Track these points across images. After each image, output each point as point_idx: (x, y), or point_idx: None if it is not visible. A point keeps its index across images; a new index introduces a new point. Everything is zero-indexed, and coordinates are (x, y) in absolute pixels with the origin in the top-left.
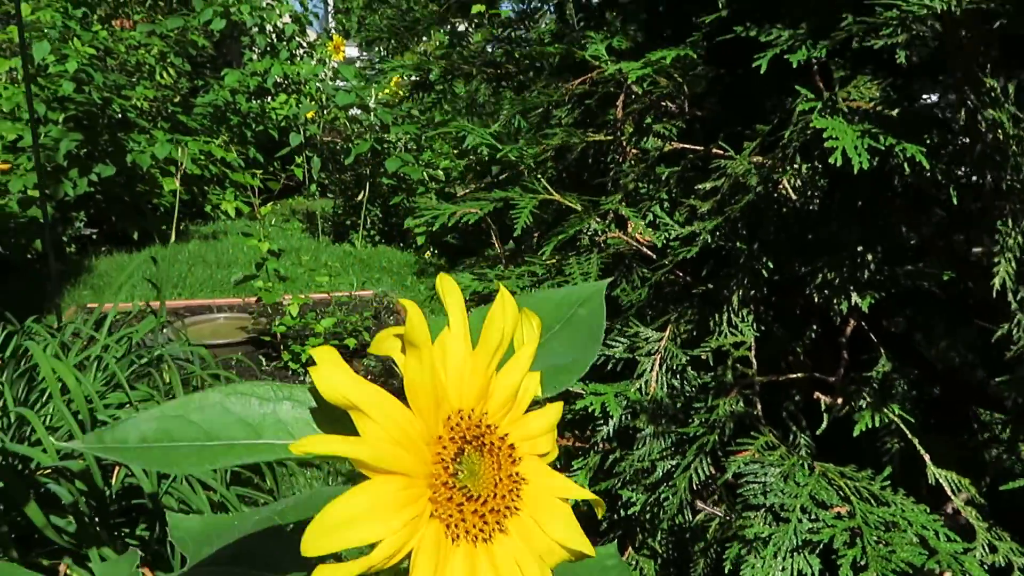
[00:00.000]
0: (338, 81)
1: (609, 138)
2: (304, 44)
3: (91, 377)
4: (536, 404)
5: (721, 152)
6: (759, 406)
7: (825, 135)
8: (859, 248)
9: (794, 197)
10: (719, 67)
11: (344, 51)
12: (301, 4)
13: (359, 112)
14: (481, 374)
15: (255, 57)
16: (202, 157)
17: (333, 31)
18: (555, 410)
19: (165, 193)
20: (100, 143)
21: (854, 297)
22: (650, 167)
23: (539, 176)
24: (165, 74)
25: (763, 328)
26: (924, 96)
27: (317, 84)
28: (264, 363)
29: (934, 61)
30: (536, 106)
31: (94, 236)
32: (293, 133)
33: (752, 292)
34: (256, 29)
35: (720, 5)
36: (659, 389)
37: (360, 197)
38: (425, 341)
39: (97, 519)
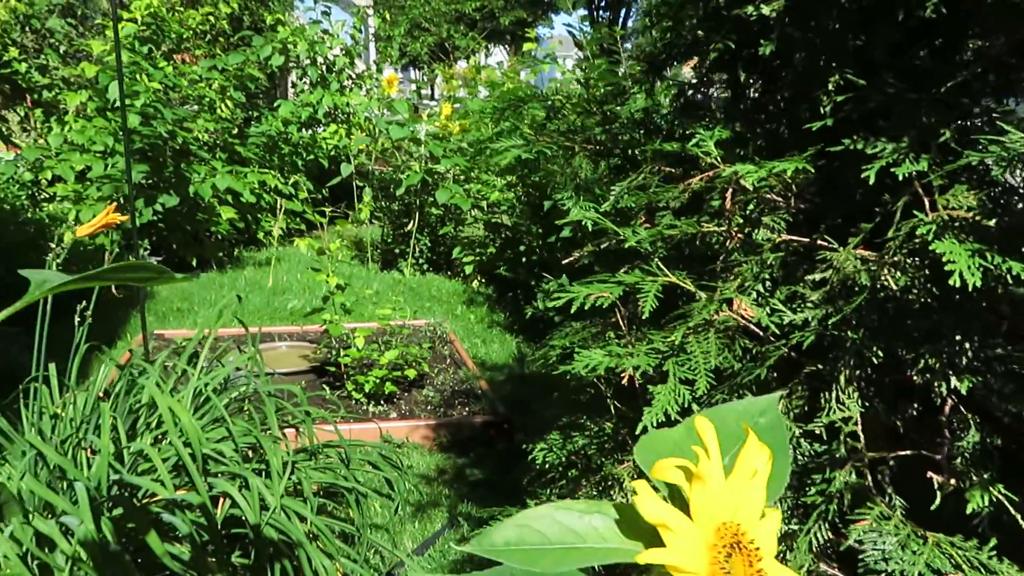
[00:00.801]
0: (384, 111)
1: (722, 228)
2: (352, 75)
3: (189, 406)
4: None
5: (825, 244)
6: (870, 478)
7: (944, 259)
8: (957, 336)
9: (896, 290)
10: (819, 161)
11: (397, 85)
12: (352, 38)
13: (409, 142)
14: (737, 495)
15: (307, 88)
16: (257, 186)
17: (375, 62)
18: (777, 516)
19: (222, 221)
20: (164, 174)
21: (953, 381)
22: (760, 255)
23: (655, 259)
24: (224, 107)
25: (866, 404)
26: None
27: (365, 114)
28: (328, 392)
29: None
30: (643, 186)
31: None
32: (344, 163)
33: (857, 372)
34: (308, 61)
35: (825, 113)
36: None
37: (410, 226)
38: (708, 475)
39: (209, 547)
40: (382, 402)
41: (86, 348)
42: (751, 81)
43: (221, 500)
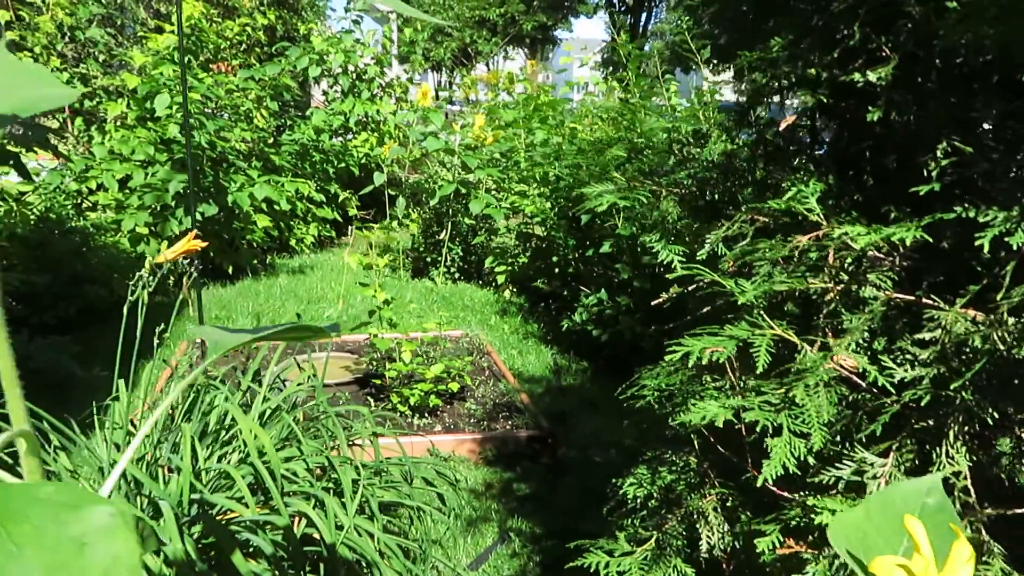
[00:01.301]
0: (418, 120)
1: (828, 284)
2: (382, 83)
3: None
4: None
5: (931, 303)
6: (984, 533)
7: None
8: None
9: (1002, 348)
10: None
11: (429, 95)
12: (383, 47)
13: (442, 152)
14: None
15: (338, 96)
16: (292, 194)
17: (404, 69)
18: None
19: (257, 229)
20: (204, 184)
21: None
22: (868, 311)
23: (759, 311)
24: (260, 116)
25: (974, 458)
26: None
27: (395, 123)
28: (372, 404)
29: None
30: (738, 236)
31: (195, 272)
32: (376, 172)
33: (966, 428)
34: (340, 71)
35: (931, 177)
36: None
37: (442, 235)
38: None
39: (287, 566)
40: (426, 415)
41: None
42: (844, 134)
43: (297, 519)
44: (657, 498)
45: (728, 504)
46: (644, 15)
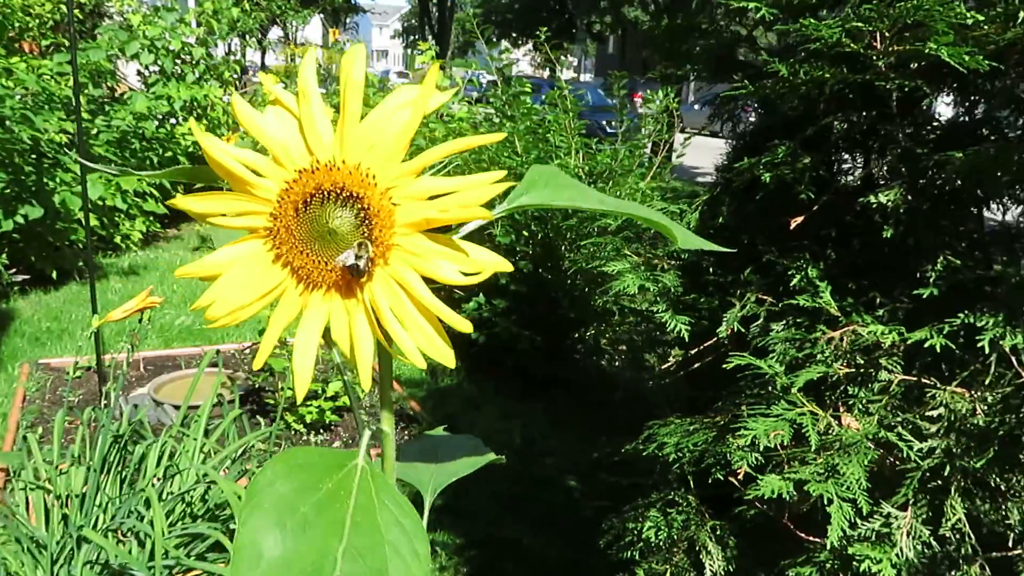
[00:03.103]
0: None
1: (850, 370)
2: (208, 65)
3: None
4: None
5: (930, 383)
6: (987, 570)
7: None
8: None
9: (972, 410)
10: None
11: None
12: (211, 27)
13: None
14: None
15: (159, 79)
16: (114, 188)
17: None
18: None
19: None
20: (27, 183)
21: None
22: (888, 392)
23: (795, 391)
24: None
25: (968, 508)
26: None
27: (224, 108)
28: (262, 423)
29: None
30: (753, 317)
31: (20, 282)
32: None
33: (963, 485)
34: (158, 51)
35: (930, 282)
36: (910, 552)
37: None
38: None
39: None
40: (321, 431)
41: None
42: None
43: None
44: (667, 535)
45: (718, 533)
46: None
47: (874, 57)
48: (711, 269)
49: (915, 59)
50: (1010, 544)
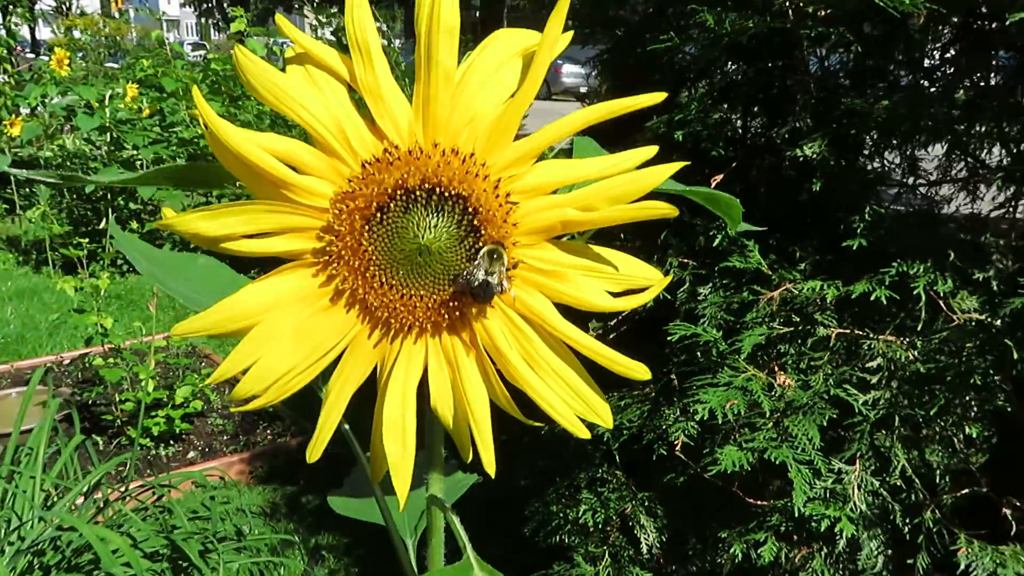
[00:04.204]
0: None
1: (790, 329)
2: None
3: None
4: None
5: (863, 334)
6: (937, 513)
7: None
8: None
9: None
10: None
11: (67, 66)
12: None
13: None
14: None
15: None
16: None
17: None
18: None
19: None
20: None
21: (967, 429)
22: (824, 346)
23: (741, 358)
24: None
25: (909, 456)
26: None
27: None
28: (101, 443)
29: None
30: (679, 282)
31: None
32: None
33: (902, 431)
34: None
35: (859, 233)
36: (863, 506)
37: (103, 224)
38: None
39: None
40: (172, 442)
41: None
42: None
43: None
44: (604, 516)
45: (646, 505)
46: None
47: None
48: (623, 236)
49: (832, 6)
50: (945, 487)
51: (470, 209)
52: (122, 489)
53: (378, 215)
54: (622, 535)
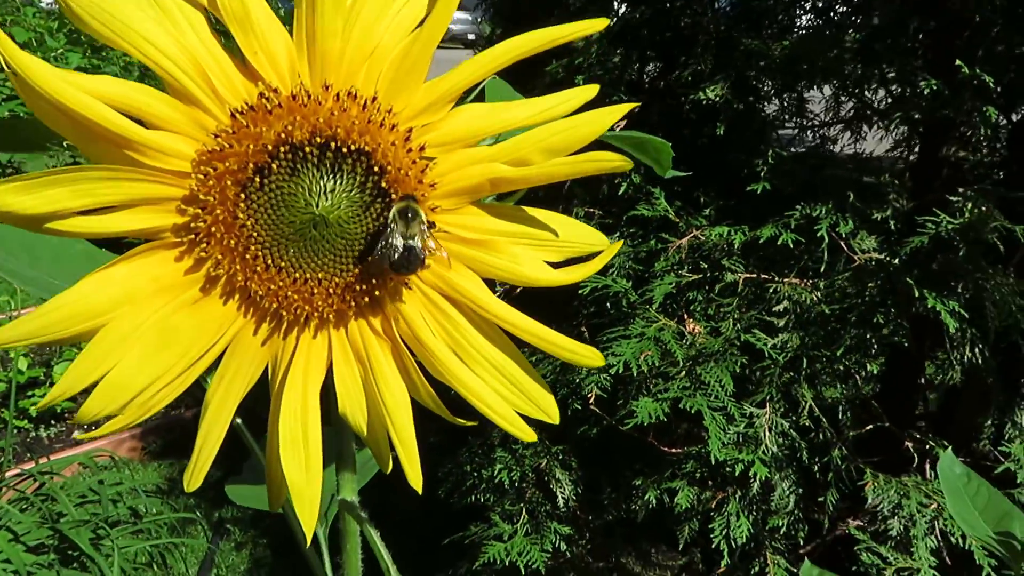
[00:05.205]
0: None
1: (698, 276)
2: None
3: None
4: None
5: (769, 278)
6: (844, 450)
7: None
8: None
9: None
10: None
11: None
12: None
13: None
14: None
15: None
16: None
17: None
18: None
19: None
20: None
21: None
22: (731, 291)
23: (652, 308)
24: None
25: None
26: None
27: None
28: None
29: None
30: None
31: None
32: None
33: (811, 370)
34: None
35: (763, 177)
36: (774, 448)
37: None
38: None
39: None
40: (53, 422)
41: None
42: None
43: None
44: (520, 473)
45: (561, 459)
46: None
47: None
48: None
49: None
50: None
51: (375, 167)
52: None
53: (257, 179)
54: (538, 491)
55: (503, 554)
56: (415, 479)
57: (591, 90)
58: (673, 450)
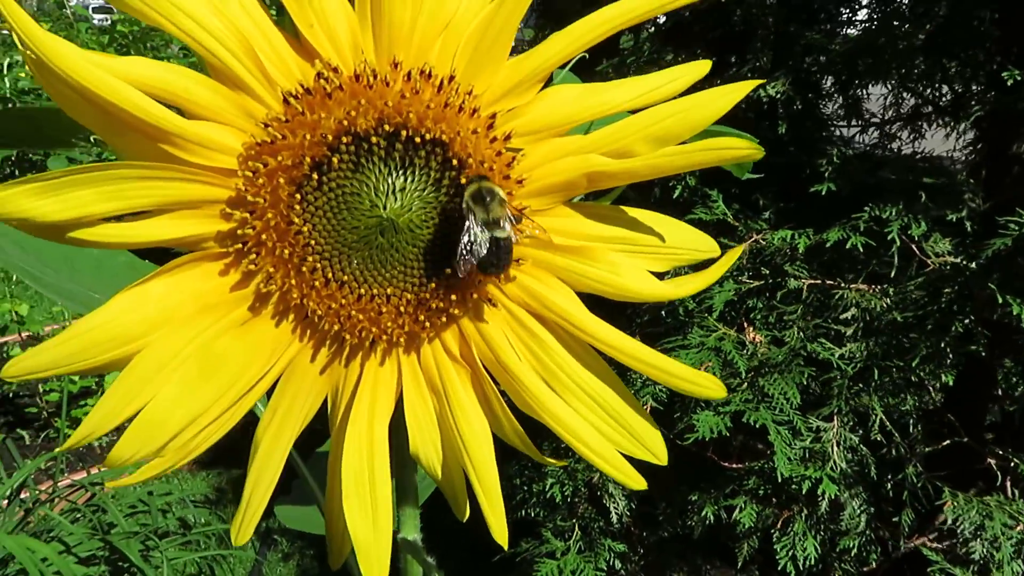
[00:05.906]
0: None
1: (760, 283)
2: None
3: None
4: None
5: (834, 284)
6: (919, 467)
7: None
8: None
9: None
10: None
11: None
12: None
13: None
14: None
15: None
16: None
17: None
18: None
19: None
20: None
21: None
22: (795, 298)
23: (712, 317)
24: None
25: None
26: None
27: None
28: (28, 438)
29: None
30: None
31: None
32: None
33: (882, 382)
34: None
35: (827, 178)
36: (843, 464)
37: None
38: None
39: None
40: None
41: None
42: None
43: None
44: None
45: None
46: None
47: None
48: None
49: None
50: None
51: (453, 160)
52: (51, 491)
53: (314, 177)
54: (591, 506)
55: (556, 572)
56: (499, 530)
57: (703, 66)
58: (734, 465)
